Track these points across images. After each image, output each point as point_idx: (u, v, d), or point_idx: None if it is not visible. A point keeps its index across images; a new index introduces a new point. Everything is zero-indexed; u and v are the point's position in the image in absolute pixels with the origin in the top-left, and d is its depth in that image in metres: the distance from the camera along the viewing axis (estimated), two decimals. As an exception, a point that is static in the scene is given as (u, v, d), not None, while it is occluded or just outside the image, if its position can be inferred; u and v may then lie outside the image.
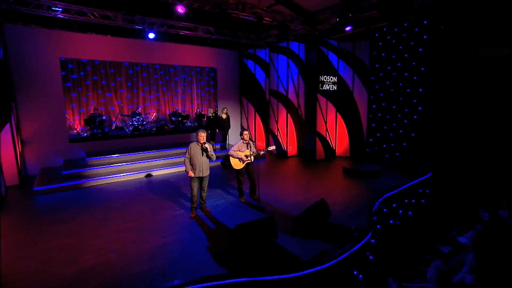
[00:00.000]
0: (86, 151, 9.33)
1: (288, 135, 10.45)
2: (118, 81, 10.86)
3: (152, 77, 11.52)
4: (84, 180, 7.67)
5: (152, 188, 7.39)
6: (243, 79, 12.27)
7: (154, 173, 8.68)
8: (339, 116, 10.24)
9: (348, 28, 8.39)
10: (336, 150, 10.44)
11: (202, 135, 5.34)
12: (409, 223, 5.17)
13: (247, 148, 6.02)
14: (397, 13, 6.35)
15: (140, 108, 10.89)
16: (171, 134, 11.01)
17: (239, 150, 5.99)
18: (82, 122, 10.07)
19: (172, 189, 7.27)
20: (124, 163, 8.69)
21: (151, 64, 11.32)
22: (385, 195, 5.74)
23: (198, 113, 12.09)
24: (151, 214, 5.68)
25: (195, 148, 5.38)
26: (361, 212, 5.54)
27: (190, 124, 11.89)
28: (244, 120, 12.47)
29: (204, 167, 5.42)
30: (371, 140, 9.98)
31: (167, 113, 12.01)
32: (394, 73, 9.08)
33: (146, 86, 11.47)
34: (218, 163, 9.78)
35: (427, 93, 8.26)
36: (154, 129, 10.79)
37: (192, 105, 12.92)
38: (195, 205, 5.57)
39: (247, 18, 8.74)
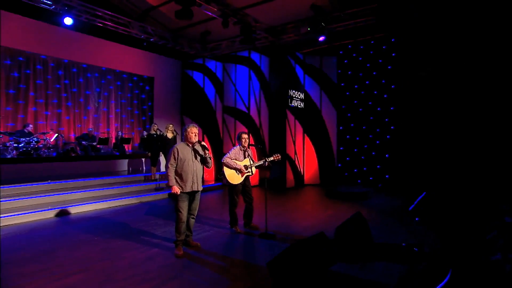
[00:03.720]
0: None
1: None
2: (-9, 86, 8.54)
3: (51, 87, 9.50)
4: None
5: (80, 228, 5.54)
6: (186, 94, 11.40)
7: (73, 210, 6.65)
8: (306, 138, 10.32)
9: (321, 38, 8.88)
10: (305, 177, 10.30)
11: (195, 131, 4.31)
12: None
13: (245, 157, 5.18)
14: (397, 21, 7.01)
15: (30, 127, 8.64)
16: (83, 161, 9.07)
17: (236, 159, 5.10)
18: None
19: (115, 226, 5.60)
20: (12, 198, 6.44)
21: (53, 67, 9.41)
22: (410, 208, 5.67)
23: (120, 138, 10.39)
24: (105, 260, 4.04)
25: (184, 150, 4.26)
26: (392, 229, 5.27)
27: (103, 151, 10.02)
28: (187, 145, 11.33)
29: (198, 177, 4.32)
30: (340, 166, 10.28)
31: (72, 136, 9.94)
32: (363, 92, 9.87)
33: (41, 98, 9.35)
34: (165, 195, 8.29)
35: (399, 111, 9.15)
36: (54, 154, 8.69)
37: (108, 129, 11.15)
38: (182, 237, 4.26)
39: (210, 14, 8.37)
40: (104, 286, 3.35)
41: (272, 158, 5.22)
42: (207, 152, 4.35)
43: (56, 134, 9.26)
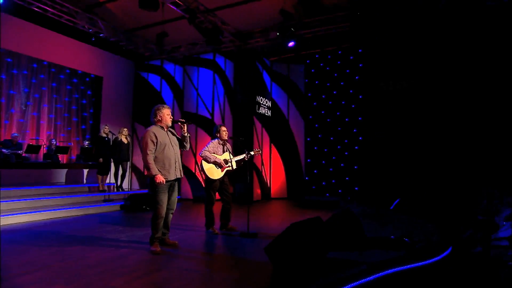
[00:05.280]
0: None
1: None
2: None
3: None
4: None
5: (17, 237, 5.04)
6: (139, 98, 11.13)
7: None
8: (273, 148, 10.58)
9: (291, 44, 9.42)
10: (271, 190, 10.45)
11: (169, 112, 4.23)
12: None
13: (224, 151, 5.21)
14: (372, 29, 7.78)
15: None
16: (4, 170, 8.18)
17: (215, 153, 5.10)
18: None
19: (63, 234, 5.18)
20: None
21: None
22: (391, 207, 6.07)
23: (54, 147, 9.67)
24: (64, 261, 3.71)
25: (161, 134, 4.13)
26: (375, 228, 5.57)
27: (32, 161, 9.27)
28: (139, 157, 10.91)
29: (180, 162, 4.26)
30: (307, 179, 10.64)
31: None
32: (330, 102, 10.53)
33: None
34: (116, 206, 7.83)
35: (367, 121, 9.88)
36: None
37: (38, 137, 10.40)
38: (159, 234, 4.08)
39: (174, 8, 8.47)
40: (72, 282, 3.07)
41: (253, 153, 5.32)
42: (185, 122, 4.31)
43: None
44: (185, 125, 4.32)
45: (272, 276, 3.22)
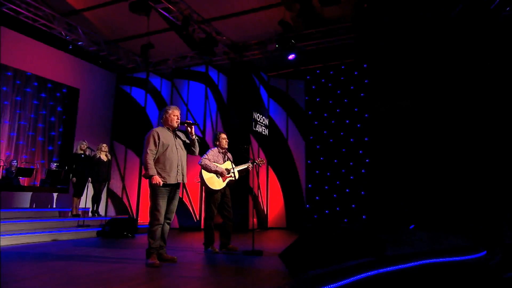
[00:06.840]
0: None
1: (203, 199, 9.76)
2: None
3: None
4: None
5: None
6: (120, 115, 11.25)
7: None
8: (271, 171, 10.71)
9: (291, 57, 9.85)
10: (268, 217, 10.46)
11: (177, 114, 4.49)
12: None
13: (225, 160, 5.36)
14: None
15: None
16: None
17: (215, 162, 5.23)
18: None
19: (40, 256, 5.11)
20: None
21: None
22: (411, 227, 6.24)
23: (14, 169, 9.55)
24: (53, 272, 3.70)
25: (165, 135, 4.37)
26: (392, 248, 5.68)
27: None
28: (117, 181, 10.87)
29: (184, 166, 4.43)
30: (308, 207, 10.73)
31: None
32: (333, 121, 10.86)
33: None
34: (92, 233, 7.71)
35: (375, 142, 10.18)
36: None
37: None
38: (157, 244, 4.10)
39: (167, 15, 8.83)
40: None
41: (257, 161, 5.47)
42: (191, 124, 4.50)
43: None
44: (192, 127, 4.49)
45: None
